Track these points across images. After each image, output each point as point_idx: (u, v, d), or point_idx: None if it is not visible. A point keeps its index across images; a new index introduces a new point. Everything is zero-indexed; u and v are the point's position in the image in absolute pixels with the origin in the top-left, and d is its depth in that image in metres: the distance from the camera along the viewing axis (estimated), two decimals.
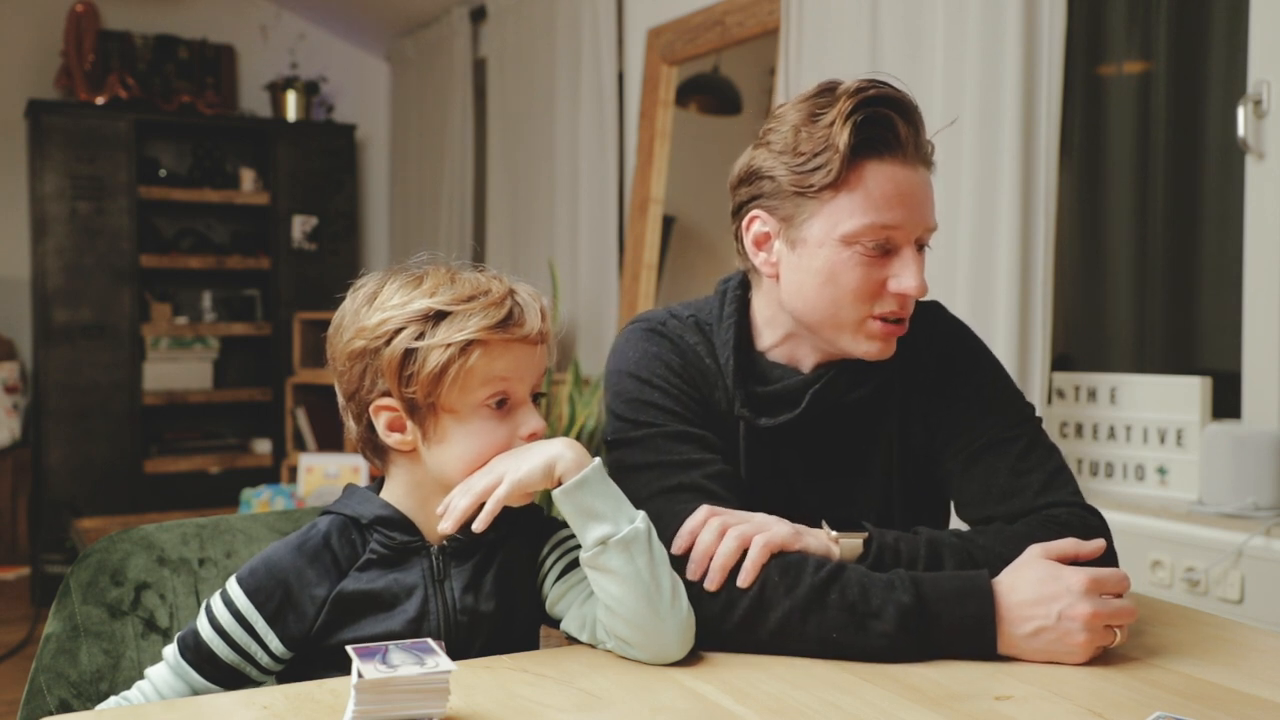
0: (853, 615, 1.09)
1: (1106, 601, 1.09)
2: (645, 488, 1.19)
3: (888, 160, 1.18)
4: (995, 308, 2.33)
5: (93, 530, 3.82)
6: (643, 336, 1.31)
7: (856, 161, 1.17)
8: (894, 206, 1.17)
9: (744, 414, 1.27)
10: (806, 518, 1.21)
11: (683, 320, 1.32)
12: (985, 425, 1.27)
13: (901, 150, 1.18)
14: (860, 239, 1.18)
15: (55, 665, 1.18)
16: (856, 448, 1.31)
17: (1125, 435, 2.30)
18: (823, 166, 1.17)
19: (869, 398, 1.29)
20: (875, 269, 1.19)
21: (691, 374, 1.28)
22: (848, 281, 1.19)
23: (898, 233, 1.19)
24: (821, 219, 1.19)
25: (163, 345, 4.92)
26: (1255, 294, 2.09)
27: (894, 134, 1.18)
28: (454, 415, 1.09)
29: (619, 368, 1.29)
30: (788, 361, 1.30)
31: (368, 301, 1.11)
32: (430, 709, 0.91)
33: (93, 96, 4.75)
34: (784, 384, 1.28)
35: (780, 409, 1.27)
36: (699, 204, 3.60)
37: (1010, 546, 1.15)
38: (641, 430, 1.24)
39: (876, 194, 1.17)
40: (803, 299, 1.23)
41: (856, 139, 1.16)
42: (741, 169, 1.26)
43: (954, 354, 1.33)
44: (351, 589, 1.09)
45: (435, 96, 5.00)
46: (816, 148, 1.18)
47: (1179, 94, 2.41)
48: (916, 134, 1.20)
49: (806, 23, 2.84)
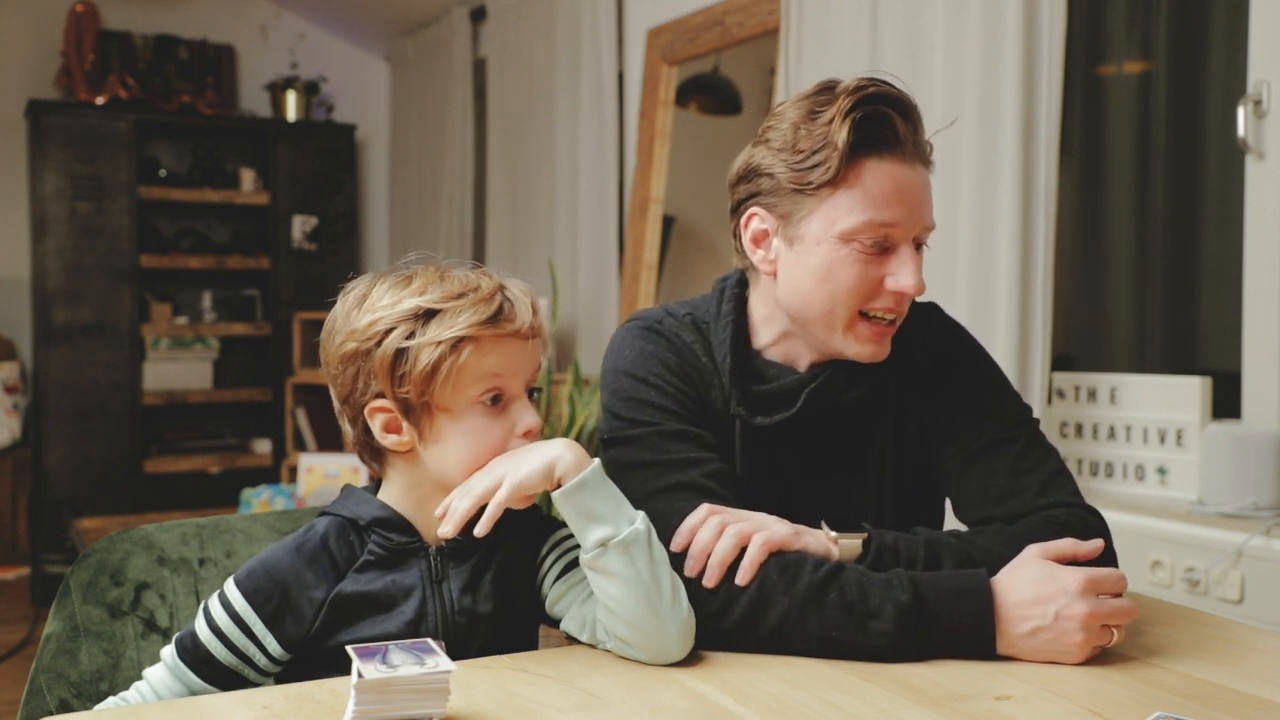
0: (851, 614, 1.09)
1: (1103, 601, 1.09)
2: (643, 487, 1.19)
3: (886, 158, 1.18)
4: (995, 308, 2.33)
5: (93, 530, 3.83)
6: (639, 335, 1.31)
7: (855, 159, 1.17)
8: (892, 204, 1.18)
9: (740, 412, 1.27)
10: (802, 516, 1.21)
11: (679, 319, 1.32)
12: (983, 426, 1.27)
13: (900, 148, 1.19)
14: (858, 236, 1.18)
15: (55, 665, 1.18)
16: (852, 447, 1.31)
17: (1125, 435, 2.30)
18: (821, 164, 1.18)
19: (865, 398, 1.29)
20: (872, 267, 1.20)
21: (688, 372, 1.28)
22: (845, 279, 1.20)
23: (895, 230, 1.19)
24: (820, 216, 1.20)
25: (163, 345, 4.92)
26: (1255, 294, 2.09)
27: (893, 132, 1.18)
28: (448, 414, 1.09)
29: (615, 366, 1.29)
30: (784, 360, 1.30)
31: (358, 304, 1.10)
32: (430, 709, 0.91)
33: (93, 96, 4.75)
34: (780, 383, 1.28)
35: (776, 408, 1.27)
36: (699, 204, 3.60)
37: (1009, 547, 1.15)
38: (639, 429, 1.24)
39: (875, 191, 1.17)
40: (799, 296, 1.23)
41: (855, 136, 1.16)
42: (740, 167, 1.27)
43: (951, 355, 1.33)
44: (350, 591, 1.09)
45: (435, 96, 5.00)
46: (815, 145, 1.18)
47: (1179, 94, 2.41)
48: (915, 132, 1.20)
49: (806, 23, 2.84)
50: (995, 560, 1.14)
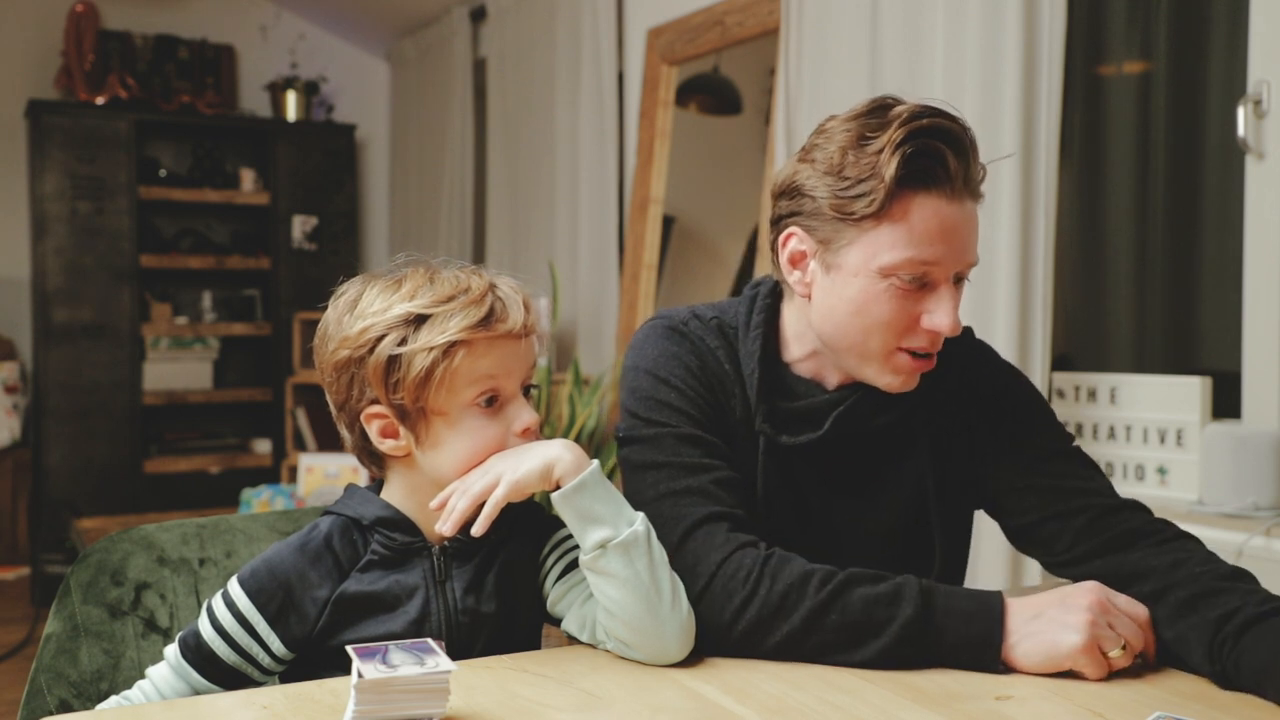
0: (853, 633, 1.08)
1: (1110, 613, 1.07)
2: (652, 488, 1.18)
3: (934, 194, 1.14)
4: (995, 308, 2.33)
5: (93, 530, 3.83)
6: (663, 334, 1.28)
7: (902, 193, 1.13)
8: (935, 242, 1.14)
9: (765, 429, 1.25)
10: (819, 534, 1.21)
11: (705, 322, 1.30)
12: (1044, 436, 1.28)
13: (950, 184, 1.14)
14: (898, 272, 1.15)
15: (55, 665, 1.18)
16: (876, 471, 1.29)
17: (1125, 435, 2.30)
18: (867, 195, 1.13)
19: (895, 423, 1.27)
20: (909, 303, 1.17)
21: (709, 378, 1.26)
22: (880, 314, 1.17)
23: (937, 269, 1.15)
24: (860, 247, 1.16)
25: (163, 345, 4.92)
26: (1255, 294, 2.09)
27: (944, 168, 1.13)
28: (444, 418, 1.08)
29: (637, 364, 1.27)
30: (813, 376, 1.28)
31: (349, 309, 1.10)
32: (430, 709, 0.91)
33: (93, 96, 4.75)
34: (808, 402, 1.26)
35: (803, 428, 1.25)
36: (699, 204, 3.59)
37: None
38: (654, 429, 1.22)
39: (920, 229, 1.14)
40: (833, 324, 1.21)
41: (904, 171, 1.12)
42: (784, 180, 1.23)
43: (991, 375, 1.33)
44: (353, 590, 1.09)
45: (435, 96, 5.00)
46: (862, 174, 1.14)
47: (1179, 94, 2.41)
48: (967, 168, 1.16)
49: (806, 23, 2.84)
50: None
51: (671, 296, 3.53)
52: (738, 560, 1.12)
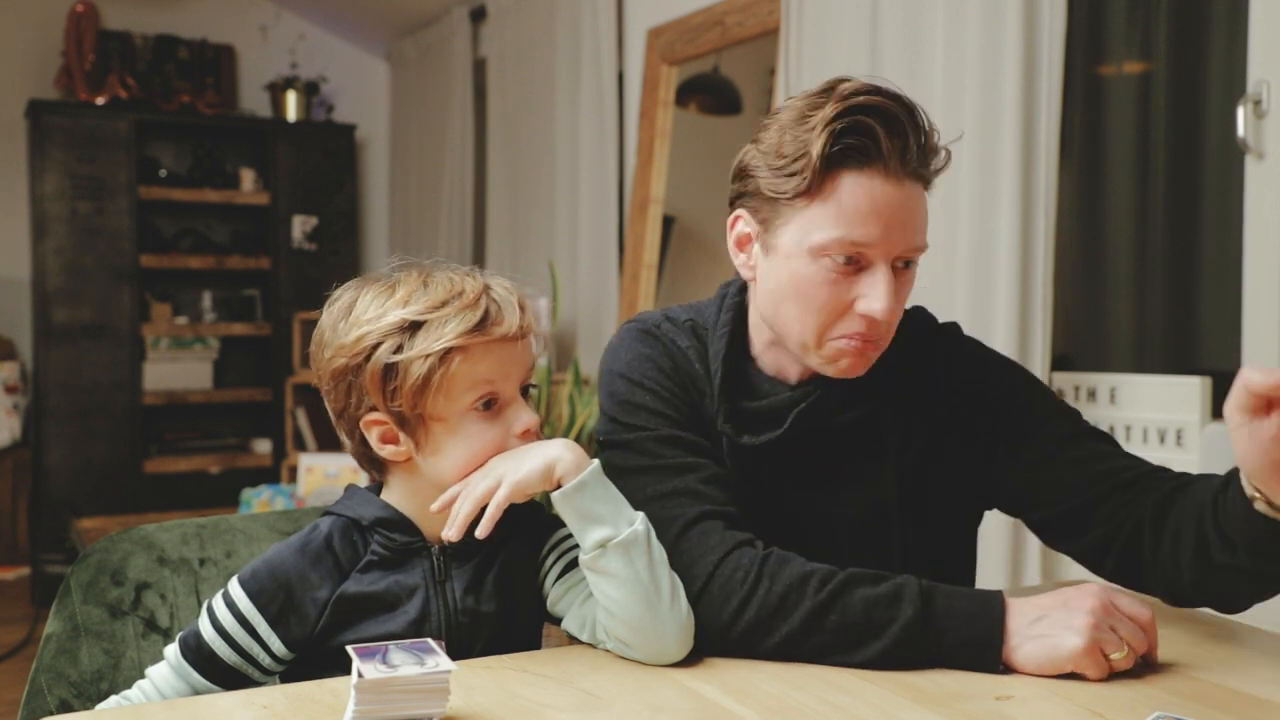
0: (852, 635, 1.08)
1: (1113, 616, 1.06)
2: (639, 492, 1.17)
3: (867, 172, 1.11)
4: (995, 308, 2.33)
5: (93, 530, 3.83)
6: (636, 337, 1.28)
7: (831, 171, 1.11)
8: (867, 222, 1.11)
9: (726, 430, 1.23)
10: (792, 531, 1.20)
11: (678, 324, 1.30)
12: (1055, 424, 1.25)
13: (883, 163, 1.11)
14: (829, 252, 1.12)
15: (55, 665, 1.18)
16: (839, 466, 1.27)
17: (1125, 435, 2.30)
18: (798, 173, 1.12)
19: (861, 419, 1.25)
20: (843, 287, 1.14)
21: (682, 378, 1.25)
22: (813, 297, 1.14)
23: (870, 250, 1.13)
24: (794, 227, 1.14)
25: (163, 345, 4.92)
26: (1255, 294, 2.09)
27: (875, 145, 1.11)
28: (443, 423, 1.08)
29: (611, 368, 1.27)
30: (774, 372, 1.27)
31: (344, 315, 1.09)
32: (430, 709, 0.91)
33: (93, 96, 4.75)
34: (769, 401, 1.24)
35: (765, 427, 1.24)
36: (699, 204, 3.60)
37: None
38: (633, 433, 1.21)
39: (849, 207, 1.11)
40: (772, 308, 1.20)
41: (832, 148, 1.10)
42: (736, 163, 1.22)
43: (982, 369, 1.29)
44: (353, 591, 1.09)
45: (435, 96, 5.00)
46: (796, 152, 1.12)
47: (1179, 94, 2.41)
48: (904, 146, 1.12)
49: (806, 23, 2.84)
50: None
51: (671, 296, 3.53)
52: (735, 560, 1.12)
